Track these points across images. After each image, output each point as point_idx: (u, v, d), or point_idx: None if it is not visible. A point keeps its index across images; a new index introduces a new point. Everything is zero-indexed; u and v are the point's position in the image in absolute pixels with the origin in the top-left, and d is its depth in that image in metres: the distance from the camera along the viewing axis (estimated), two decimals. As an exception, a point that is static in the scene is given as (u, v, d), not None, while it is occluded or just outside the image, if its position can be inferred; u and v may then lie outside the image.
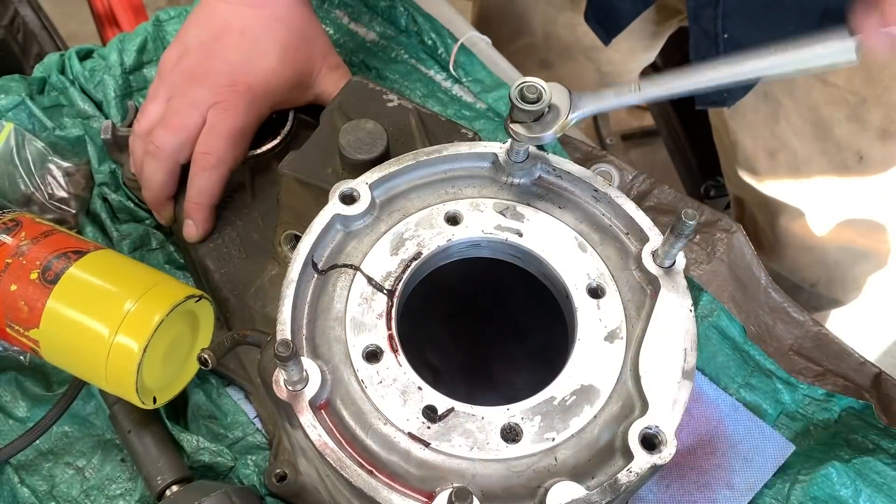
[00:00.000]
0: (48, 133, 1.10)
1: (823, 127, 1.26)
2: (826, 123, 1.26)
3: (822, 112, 1.25)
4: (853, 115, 1.23)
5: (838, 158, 1.29)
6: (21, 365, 0.97)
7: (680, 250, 0.73)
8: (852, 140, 1.26)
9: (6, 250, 0.86)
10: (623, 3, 1.28)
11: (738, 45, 1.13)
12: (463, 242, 0.77)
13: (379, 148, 0.83)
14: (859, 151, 1.27)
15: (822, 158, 1.30)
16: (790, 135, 1.30)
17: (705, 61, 0.72)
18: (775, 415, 0.97)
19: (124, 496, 0.90)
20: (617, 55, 1.55)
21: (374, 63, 1.21)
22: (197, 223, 0.98)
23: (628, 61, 1.61)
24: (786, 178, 1.37)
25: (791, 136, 1.30)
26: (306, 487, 0.87)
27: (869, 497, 0.88)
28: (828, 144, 1.28)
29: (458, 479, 0.66)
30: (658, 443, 0.66)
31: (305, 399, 0.67)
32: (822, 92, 1.23)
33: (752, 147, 1.37)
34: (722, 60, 0.72)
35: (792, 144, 1.32)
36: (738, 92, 1.22)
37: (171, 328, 0.84)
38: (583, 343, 0.72)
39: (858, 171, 1.29)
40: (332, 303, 0.74)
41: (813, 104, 1.25)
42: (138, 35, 1.19)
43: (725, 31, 1.13)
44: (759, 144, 1.36)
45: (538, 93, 0.70)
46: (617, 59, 1.57)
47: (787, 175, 1.36)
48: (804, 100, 1.25)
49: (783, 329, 1.03)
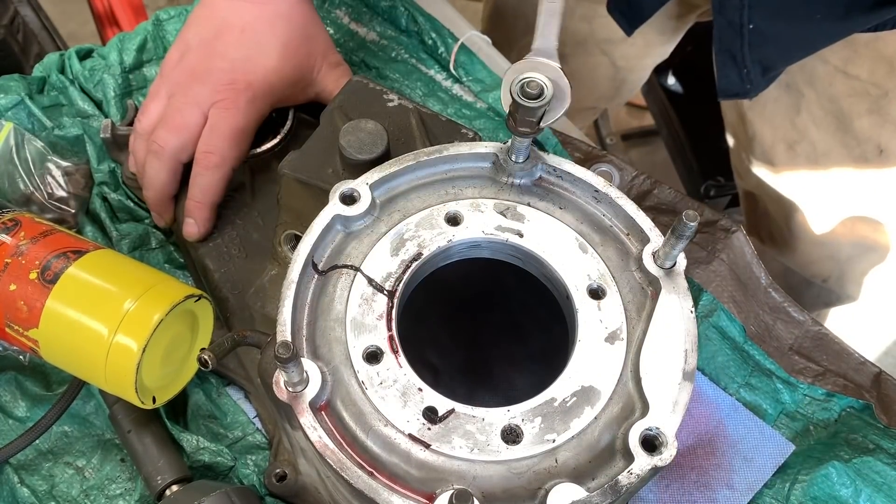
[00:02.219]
0: (47, 132, 1.10)
1: (844, 119, 1.26)
2: (847, 116, 1.25)
3: (842, 104, 1.24)
4: (874, 108, 1.22)
5: (858, 151, 1.28)
6: (21, 365, 0.97)
7: (681, 251, 0.73)
8: (872, 133, 1.25)
9: (5, 250, 0.85)
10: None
11: (764, 35, 1.13)
12: (463, 243, 0.77)
13: (379, 148, 0.83)
14: (879, 145, 1.25)
15: (842, 151, 1.30)
16: (810, 126, 1.30)
17: None
18: (775, 415, 0.97)
19: (124, 496, 0.90)
20: (632, 49, 1.54)
21: (375, 62, 1.21)
22: (199, 222, 0.97)
23: (643, 56, 1.61)
24: (804, 171, 1.36)
25: (811, 127, 1.30)
26: (306, 487, 0.87)
27: (869, 497, 0.88)
28: (848, 137, 1.27)
29: (459, 480, 0.66)
30: (659, 444, 0.66)
31: (306, 400, 0.67)
32: (844, 84, 1.22)
33: (771, 139, 1.36)
34: None
35: (812, 136, 1.31)
36: (760, 83, 1.21)
37: (171, 328, 0.84)
38: (583, 344, 0.72)
39: (878, 165, 1.28)
40: (333, 303, 0.73)
41: (834, 96, 1.24)
42: (138, 34, 1.19)
43: (751, 21, 1.12)
44: (778, 136, 1.35)
45: (539, 88, 0.70)
46: (632, 53, 1.56)
47: (805, 168, 1.35)
48: (825, 91, 1.25)
49: (783, 329, 1.03)
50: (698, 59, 1.63)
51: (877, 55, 1.16)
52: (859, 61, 1.18)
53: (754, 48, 1.15)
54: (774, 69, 1.20)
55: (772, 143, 1.36)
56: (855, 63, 1.19)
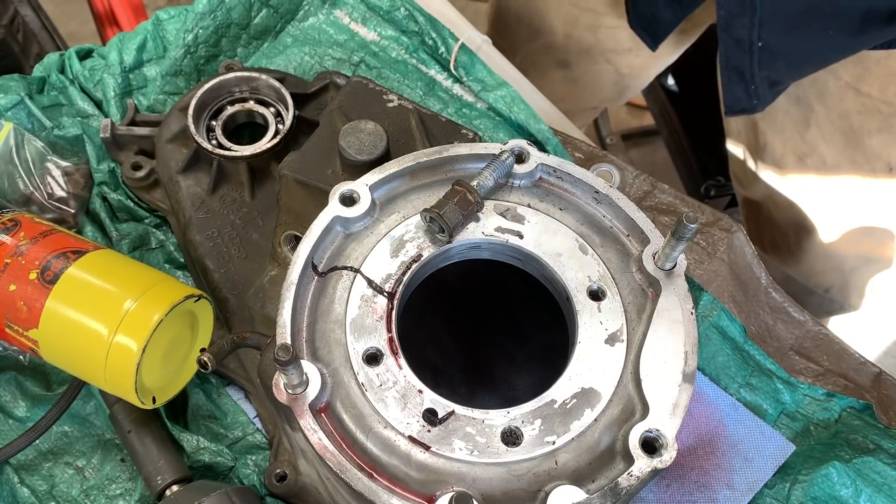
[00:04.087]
0: (47, 132, 1.10)
1: (854, 136, 1.25)
2: (857, 132, 1.24)
3: (853, 121, 1.23)
4: (885, 126, 1.21)
5: (867, 168, 1.27)
6: (21, 365, 0.97)
7: (681, 253, 0.73)
8: (883, 151, 1.24)
9: (5, 250, 0.85)
10: (664, 12, 1.27)
11: (774, 52, 1.11)
12: (463, 244, 0.77)
13: (379, 149, 0.83)
14: (889, 162, 1.24)
15: (851, 167, 1.28)
16: (819, 141, 1.29)
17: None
18: (776, 415, 0.97)
19: (124, 496, 0.90)
20: (638, 59, 1.54)
21: (375, 63, 1.21)
22: None
23: (649, 66, 1.60)
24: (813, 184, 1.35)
25: (820, 142, 1.29)
26: (306, 488, 0.87)
27: (869, 497, 0.88)
28: (857, 154, 1.26)
29: (459, 482, 0.66)
30: (659, 446, 0.66)
31: (305, 402, 0.67)
32: (855, 101, 1.21)
33: (782, 150, 1.35)
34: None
35: (821, 150, 1.30)
36: (767, 97, 1.20)
37: (171, 328, 0.84)
38: (583, 346, 0.72)
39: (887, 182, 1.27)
40: (333, 305, 0.73)
41: (844, 112, 1.23)
42: (138, 34, 1.18)
43: (761, 38, 1.11)
44: (788, 148, 1.34)
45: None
46: (638, 63, 1.56)
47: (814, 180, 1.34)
48: (836, 107, 1.24)
49: (783, 329, 1.03)
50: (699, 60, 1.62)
51: (889, 73, 1.15)
52: (871, 79, 1.17)
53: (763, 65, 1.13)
54: (782, 83, 1.19)
55: (782, 153, 1.35)
56: (866, 80, 1.18)
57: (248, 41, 1.20)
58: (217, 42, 1.17)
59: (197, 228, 1.00)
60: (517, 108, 1.14)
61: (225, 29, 1.17)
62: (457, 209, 0.74)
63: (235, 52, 1.19)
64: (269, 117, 1.06)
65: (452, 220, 0.74)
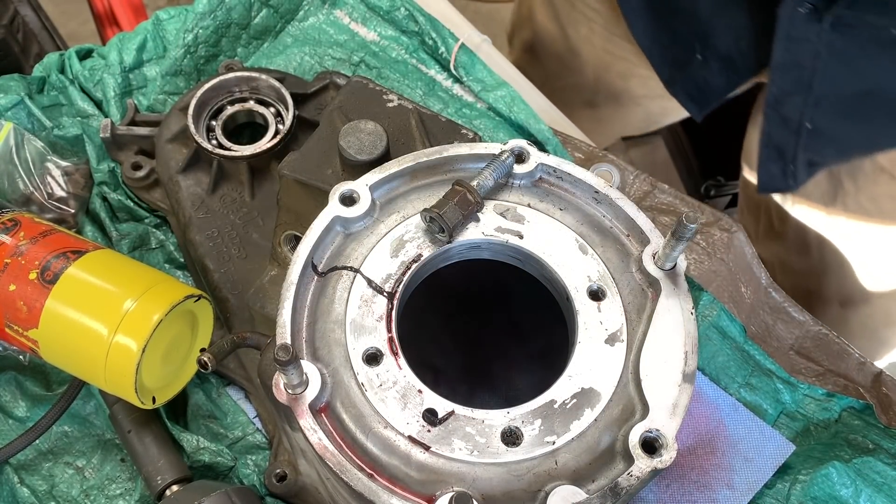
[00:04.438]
0: (47, 132, 1.10)
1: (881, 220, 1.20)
2: (886, 218, 1.19)
3: (883, 205, 1.17)
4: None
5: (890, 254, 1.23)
6: (21, 365, 0.97)
7: (681, 253, 0.72)
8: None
9: (5, 250, 0.85)
10: (717, 79, 1.20)
11: (823, 135, 1.06)
12: (463, 244, 0.77)
13: (379, 149, 0.83)
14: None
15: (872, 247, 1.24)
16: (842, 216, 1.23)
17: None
18: (775, 415, 0.97)
19: (124, 496, 0.90)
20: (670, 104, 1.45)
21: (375, 63, 1.21)
22: None
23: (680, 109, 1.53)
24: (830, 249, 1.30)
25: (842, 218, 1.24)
26: (306, 488, 0.87)
27: (869, 497, 0.88)
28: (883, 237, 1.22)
29: (459, 482, 0.66)
30: (659, 447, 0.66)
31: (305, 402, 0.67)
32: (889, 186, 1.15)
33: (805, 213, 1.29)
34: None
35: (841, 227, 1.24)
36: (803, 178, 1.14)
37: (171, 328, 0.84)
38: (583, 345, 0.72)
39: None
40: (332, 305, 0.73)
41: (875, 195, 1.18)
42: (138, 34, 1.18)
43: (812, 121, 1.05)
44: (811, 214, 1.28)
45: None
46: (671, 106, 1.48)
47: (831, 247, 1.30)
48: (867, 188, 1.18)
49: (783, 329, 1.03)
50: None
51: None
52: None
53: (809, 148, 1.08)
54: (823, 165, 1.14)
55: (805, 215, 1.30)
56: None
57: (248, 41, 1.20)
58: (217, 42, 1.17)
59: (197, 228, 1.00)
60: (517, 108, 1.14)
61: (225, 29, 1.17)
62: (457, 209, 0.74)
63: (235, 52, 1.19)
64: (269, 117, 1.06)
65: (452, 220, 0.74)
